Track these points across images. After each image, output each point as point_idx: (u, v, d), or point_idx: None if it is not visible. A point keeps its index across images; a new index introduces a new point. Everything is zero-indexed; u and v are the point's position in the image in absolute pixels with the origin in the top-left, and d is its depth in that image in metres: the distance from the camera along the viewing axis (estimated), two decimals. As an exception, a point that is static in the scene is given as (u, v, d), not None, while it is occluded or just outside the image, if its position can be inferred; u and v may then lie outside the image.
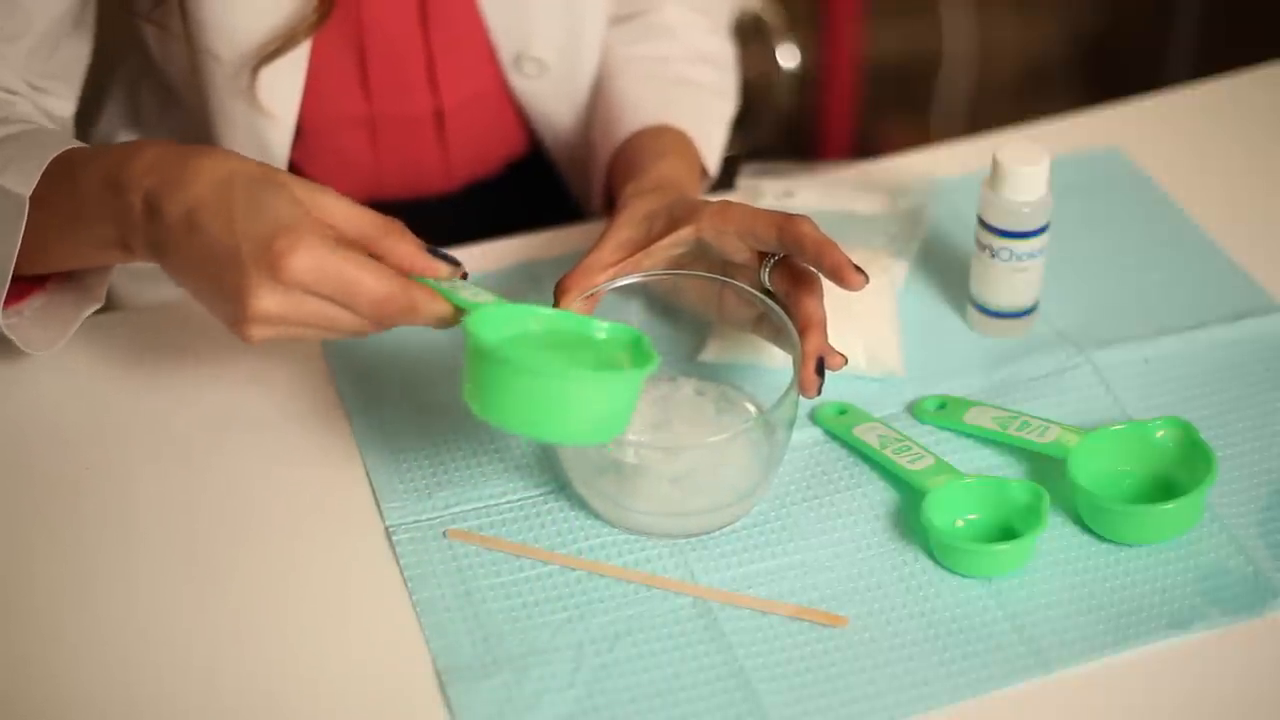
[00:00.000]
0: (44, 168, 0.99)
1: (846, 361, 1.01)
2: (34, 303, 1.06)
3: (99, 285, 1.08)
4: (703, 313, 1.08)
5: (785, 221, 1.00)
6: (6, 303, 1.05)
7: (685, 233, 1.03)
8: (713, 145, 1.24)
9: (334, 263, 0.91)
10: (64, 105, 1.16)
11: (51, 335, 1.07)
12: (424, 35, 1.23)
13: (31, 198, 0.99)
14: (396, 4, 1.21)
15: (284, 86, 1.19)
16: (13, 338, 1.05)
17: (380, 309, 0.93)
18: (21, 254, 1.01)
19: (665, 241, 1.03)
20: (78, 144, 1.02)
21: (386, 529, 1.01)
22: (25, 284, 1.06)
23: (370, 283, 0.92)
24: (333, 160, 1.28)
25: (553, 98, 1.29)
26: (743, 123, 1.38)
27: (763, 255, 1.03)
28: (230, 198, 0.93)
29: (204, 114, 1.21)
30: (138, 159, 0.96)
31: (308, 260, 0.91)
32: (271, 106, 1.19)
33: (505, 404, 0.91)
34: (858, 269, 0.98)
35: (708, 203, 1.04)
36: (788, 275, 1.02)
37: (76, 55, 1.16)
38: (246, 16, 1.15)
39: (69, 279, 1.08)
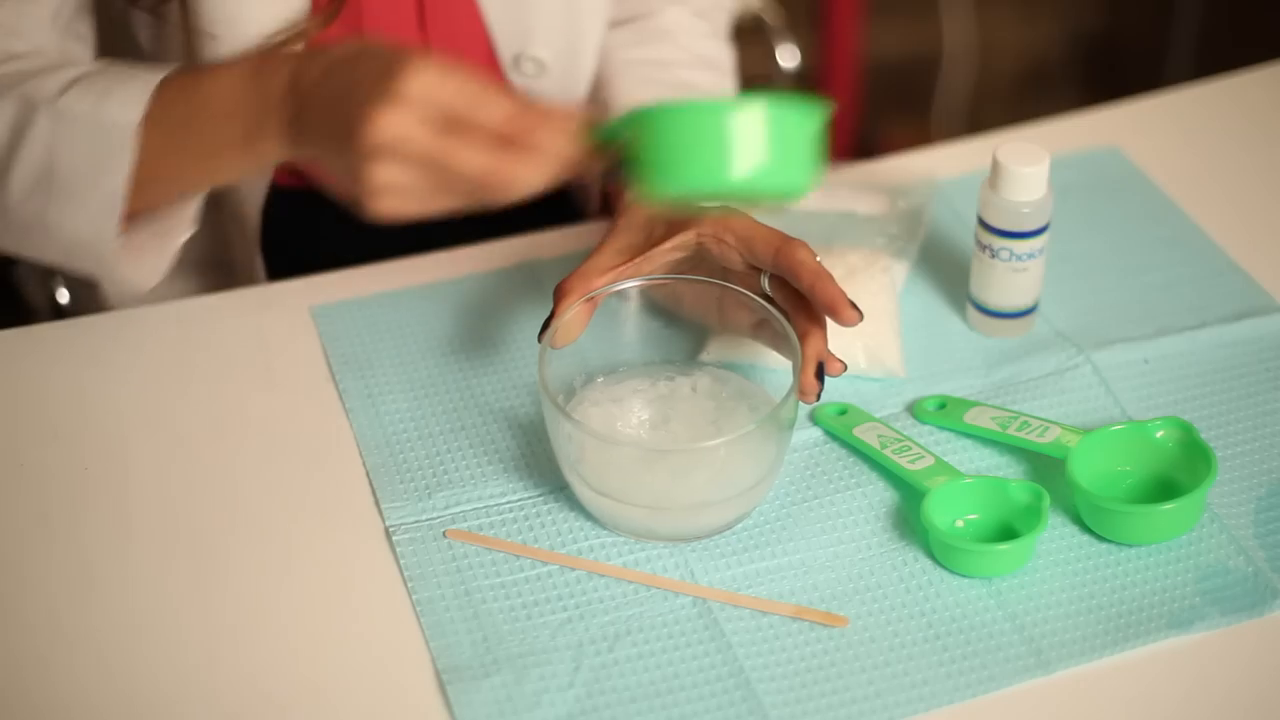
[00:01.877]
0: (150, 93, 1.00)
1: (845, 368, 1.01)
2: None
3: (183, 213, 1.08)
4: (702, 319, 1.08)
5: (783, 245, 1.00)
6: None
7: (685, 236, 1.03)
8: None
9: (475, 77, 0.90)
10: None
11: (145, 271, 1.07)
12: (422, 35, 1.23)
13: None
14: (395, 3, 1.21)
15: None
16: (116, 275, 1.06)
17: (516, 113, 0.89)
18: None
19: (665, 246, 1.03)
20: (170, 66, 1.03)
21: (386, 529, 1.01)
22: None
23: (505, 95, 0.89)
24: None
25: (551, 98, 1.29)
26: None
27: None
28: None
29: None
30: (277, 57, 0.97)
31: (434, 73, 0.89)
32: None
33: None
34: (853, 305, 0.98)
35: (710, 210, 1.04)
36: (788, 282, 1.02)
37: (88, 32, 1.15)
38: (254, 7, 1.14)
39: (143, 218, 1.07)
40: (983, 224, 1.11)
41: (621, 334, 1.06)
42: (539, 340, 1.01)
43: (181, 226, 1.09)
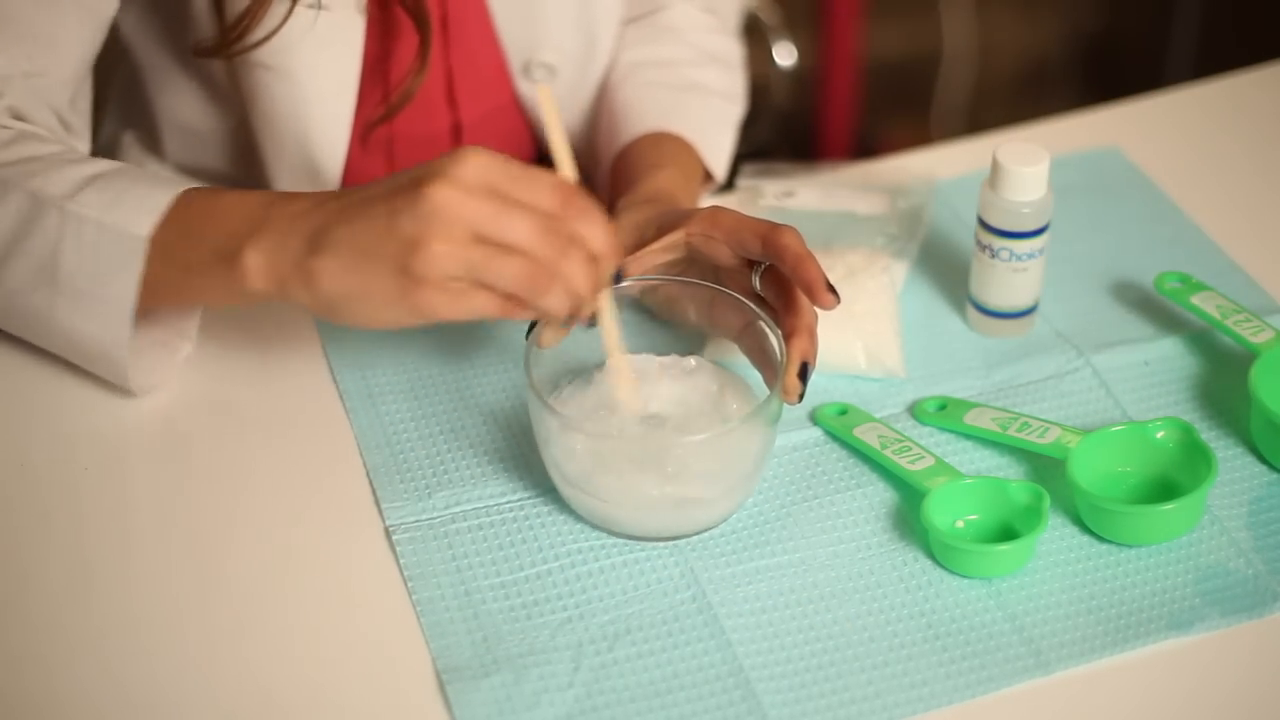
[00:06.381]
0: (168, 204, 0.99)
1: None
2: None
3: (188, 324, 1.08)
4: (694, 323, 1.08)
5: (770, 231, 1.00)
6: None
7: (674, 236, 1.03)
8: (719, 150, 1.23)
9: (506, 160, 0.90)
10: (85, 147, 1.14)
11: (150, 375, 1.07)
12: (444, 52, 1.22)
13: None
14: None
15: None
16: (122, 379, 1.05)
17: (561, 194, 0.90)
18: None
19: (655, 246, 1.04)
20: (189, 183, 1.01)
21: (386, 529, 1.01)
22: None
23: (549, 175, 0.90)
24: (348, 182, 1.26)
25: (561, 103, 1.28)
26: (741, 122, 1.38)
27: (753, 261, 1.03)
28: None
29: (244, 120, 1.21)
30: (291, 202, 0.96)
31: (484, 154, 0.90)
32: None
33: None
34: (830, 288, 0.98)
35: (698, 209, 1.04)
36: (779, 280, 1.02)
37: (89, 95, 1.14)
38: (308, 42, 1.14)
39: (150, 322, 1.07)
40: (983, 224, 1.11)
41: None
42: (526, 339, 1.01)
43: (184, 338, 1.09)
